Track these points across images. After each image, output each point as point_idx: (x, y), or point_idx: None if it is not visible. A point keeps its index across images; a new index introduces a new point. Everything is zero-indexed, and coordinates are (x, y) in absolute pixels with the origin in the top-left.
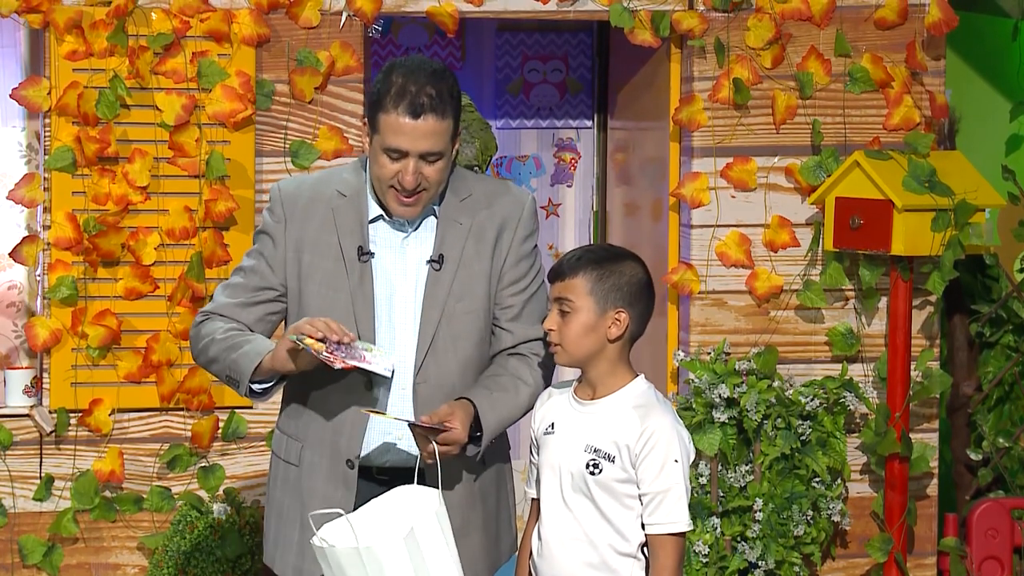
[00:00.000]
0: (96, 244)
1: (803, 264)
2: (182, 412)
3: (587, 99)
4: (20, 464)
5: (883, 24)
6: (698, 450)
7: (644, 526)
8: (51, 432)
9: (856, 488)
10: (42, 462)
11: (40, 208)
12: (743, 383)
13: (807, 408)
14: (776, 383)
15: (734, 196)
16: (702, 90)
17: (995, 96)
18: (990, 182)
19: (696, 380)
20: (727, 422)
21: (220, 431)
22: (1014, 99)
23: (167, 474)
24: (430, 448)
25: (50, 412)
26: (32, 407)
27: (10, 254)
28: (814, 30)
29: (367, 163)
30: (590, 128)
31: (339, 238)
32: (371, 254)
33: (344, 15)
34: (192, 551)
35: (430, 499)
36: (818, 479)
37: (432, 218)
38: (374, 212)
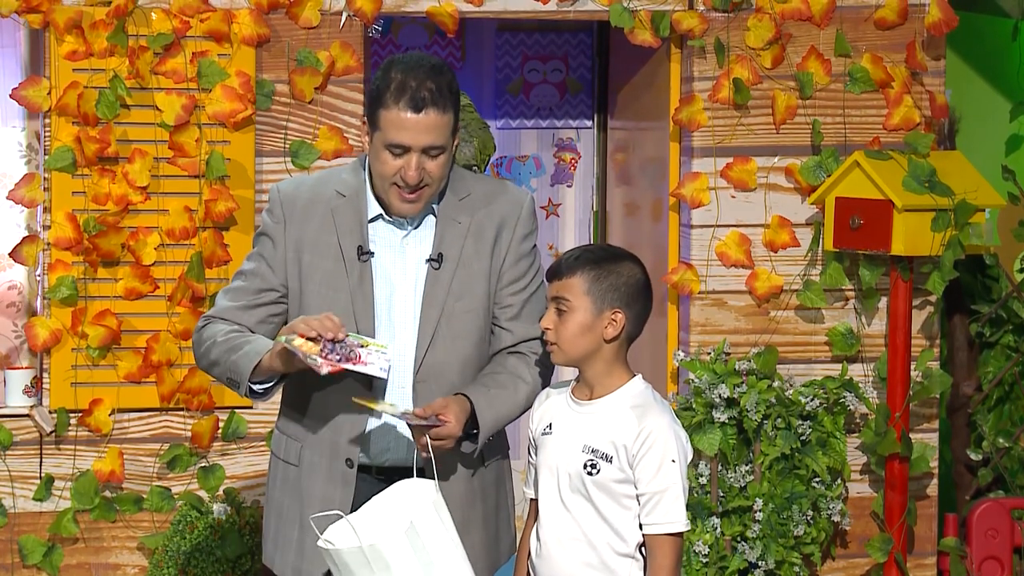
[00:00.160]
0: (96, 244)
1: (803, 264)
2: (182, 412)
3: (587, 99)
4: (20, 464)
5: (883, 24)
6: (698, 450)
7: (642, 526)
8: (51, 432)
9: (856, 488)
10: (42, 462)
11: (40, 208)
12: (743, 383)
13: (807, 408)
14: (776, 383)
15: (734, 196)
16: (702, 90)
17: (995, 96)
18: (990, 182)
19: (696, 380)
20: (727, 422)
21: (220, 431)
22: (1014, 99)
23: (167, 474)
24: (423, 441)
25: (50, 412)
26: (32, 407)
27: (10, 254)
28: (814, 30)
29: (366, 163)
30: (590, 128)
31: (339, 238)
32: (371, 254)
33: (344, 15)
34: (192, 551)
35: (427, 490)
36: (818, 479)
37: (431, 217)
38: (373, 212)
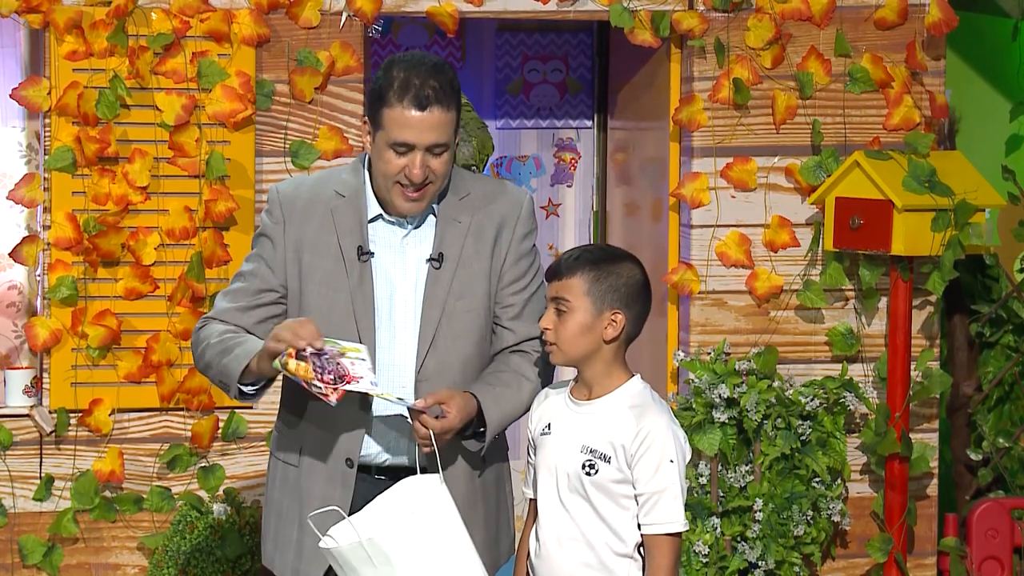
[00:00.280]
0: (96, 244)
1: (803, 264)
2: (182, 412)
3: (587, 99)
4: (20, 464)
5: (883, 24)
6: (698, 450)
7: (640, 526)
8: (51, 432)
9: (856, 488)
10: (42, 462)
11: (40, 208)
12: (743, 383)
13: (807, 408)
14: (776, 383)
15: (734, 196)
16: (702, 90)
17: (995, 96)
18: (990, 182)
19: (696, 380)
20: (727, 422)
21: (220, 431)
22: (1014, 99)
23: (167, 474)
24: (423, 432)
25: (50, 412)
26: (32, 407)
27: (10, 254)
28: (814, 30)
29: (365, 163)
30: (590, 128)
31: (338, 238)
32: (371, 254)
33: (344, 15)
34: (192, 551)
35: (431, 484)
36: (818, 479)
37: (431, 217)
38: (373, 211)
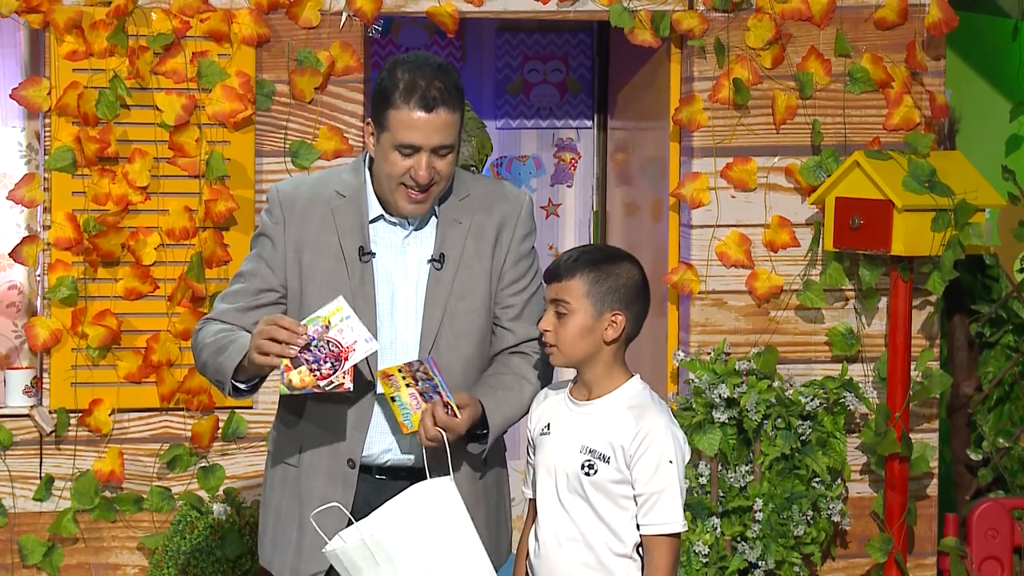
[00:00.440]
0: (96, 244)
1: (803, 264)
2: (182, 412)
3: (587, 99)
4: (20, 464)
5: (883, 24)
6: (698, 450)
7: (639, 527)
8: (51, 432)
9: (856, 488)
10: (42, 462)
11: (40, 208)
12: (743, 383)
13: (807, 408)
14: (776, 383)
15: (734, 196)
16: (702, 90)
17: (995, 96)
18: (990, 182)
19: (696, 380)
20: (727, 422)
21: (220, 431)
22: (1014, 99)
23: (167, 474)
24: (432, 434)
25: (50, 412)
26: (32, 407)
27: (10, 254)
28: (814, 30)
29: (366, 163)
30: (590, 128)
31: (339, 238)
32: (372, 254)
33: (344, 15)
34: (192, 551)
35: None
36: (818, 479)
37: (432, 218)
38: (374, 212)
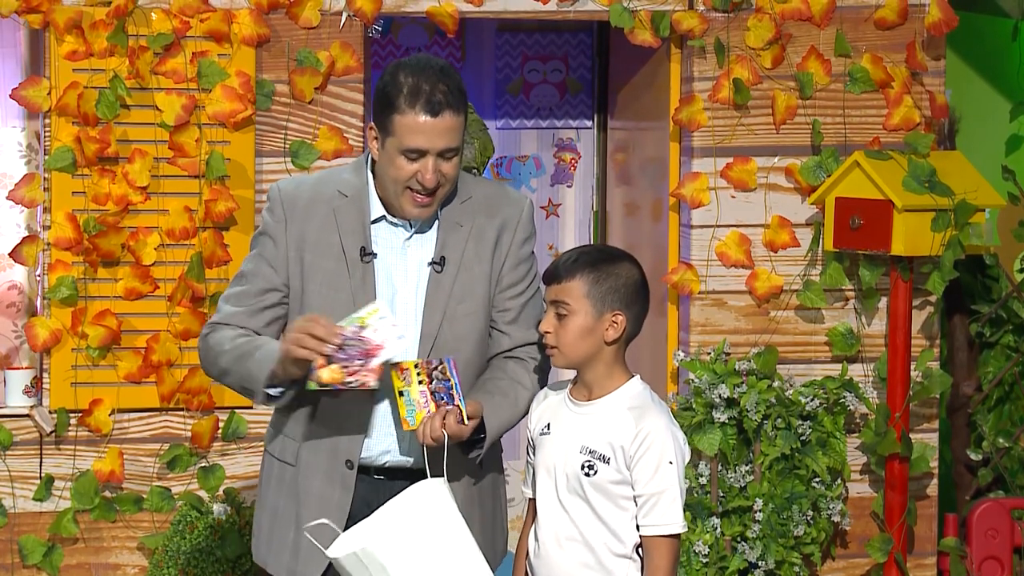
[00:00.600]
0: (96, 244)
1: (803, 264)
2: (182, 412)
3: (587, 99)
4: (20, 464)
5: (883, 24)
6: (698, 450)
7: (639, 527)
8: (51, 432)
9: (856, 488)
10: (42, 462)
11: (40, 208)
12: (743, 383)
13: (807, 408)
14: (776, 383)
15: (734, 196)
16: (702, 90)
17: (995, 96)
18: (990, 182)
19: (696, 380)
20: (727, 422)
21: (220, 431)
22: (1014, 99)
23: (167, 474)
24: (436, 435)
25: (50, 412)
26: (32, 407)
27: (10, 254)
28: (814, 30)
29: (368, 163)
30: (590, 128)
31: (341, 238)
32: (373, 255)
33: (344, 15)
34: (192, 551)
35: (434, 488)
36: (818, 479)
37: (434, 220)
38: (376, 213)
